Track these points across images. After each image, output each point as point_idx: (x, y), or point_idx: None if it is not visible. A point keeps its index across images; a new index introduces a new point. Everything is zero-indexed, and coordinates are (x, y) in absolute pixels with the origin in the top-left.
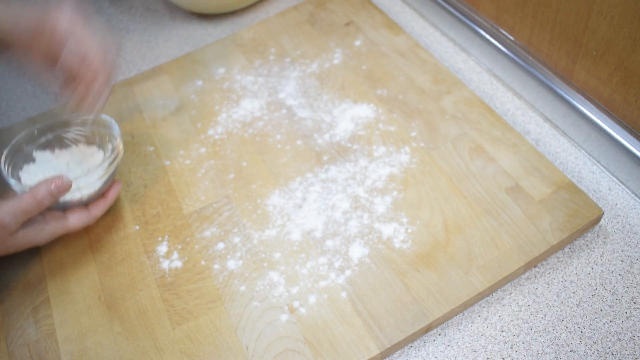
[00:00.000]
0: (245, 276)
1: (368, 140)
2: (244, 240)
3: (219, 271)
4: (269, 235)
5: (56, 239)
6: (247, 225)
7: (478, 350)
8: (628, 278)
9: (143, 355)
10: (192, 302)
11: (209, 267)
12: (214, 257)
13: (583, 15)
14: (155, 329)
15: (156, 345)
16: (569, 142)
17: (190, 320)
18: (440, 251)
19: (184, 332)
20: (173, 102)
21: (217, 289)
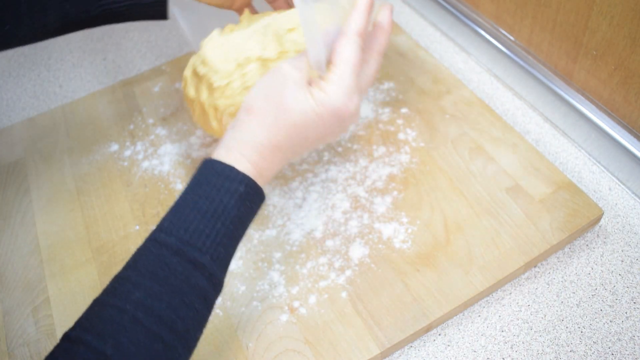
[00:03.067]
0: (245, 276)
1: (368, 140)
2: (244, 240)
3: None
4: (269, 235)
5: (56, 239)
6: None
7: (478, 350)
8: (628, 278)
9: None
10: None
11: None
12: None
13: (583, 15)
14: None
15: None
16: (569, 142)
17: None
18: (440, 251)
19: None
20: (173, 102)
21: None
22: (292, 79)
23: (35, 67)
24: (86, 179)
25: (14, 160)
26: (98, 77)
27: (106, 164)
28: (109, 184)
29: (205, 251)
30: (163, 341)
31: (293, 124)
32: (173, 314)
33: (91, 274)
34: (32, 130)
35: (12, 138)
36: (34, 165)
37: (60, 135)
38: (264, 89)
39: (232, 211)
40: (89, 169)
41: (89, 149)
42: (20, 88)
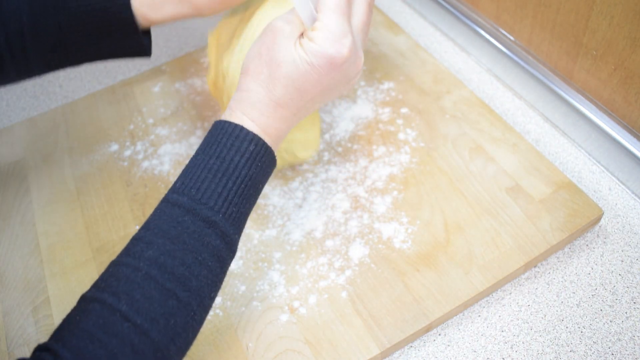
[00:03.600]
0: (245, 276)
1: (368, 140)
2: (244, 240)
3: None
4: (269, 235)
5: (56, 239)
6: (247, 225)
7: (478, 350)
8: (628, 278)
9: None
10: None
11: None
12: None
13: (583, 15)
14: None
15: None
16: (569, 142)
17: None
18: (440, 251)
19: None
20: (173, 102)
21: None
22: (282, 33)
23: None
24: (86, 179)
25: (14, 160)
26: (98, 77)
27: (106, 164)
28: (109, 184)
29: (217, 210)
30: (177, 297)
31: (288, 77)
32: (186, 271)
33: (91, 274)
34: (32, 130)
35: (12, 138)
36: (34, 165)
37: (60, 135)
38: (257, 49)
39: (243, 170)
40: (89, 169)
41: (89, 149)
42: (20, 88)
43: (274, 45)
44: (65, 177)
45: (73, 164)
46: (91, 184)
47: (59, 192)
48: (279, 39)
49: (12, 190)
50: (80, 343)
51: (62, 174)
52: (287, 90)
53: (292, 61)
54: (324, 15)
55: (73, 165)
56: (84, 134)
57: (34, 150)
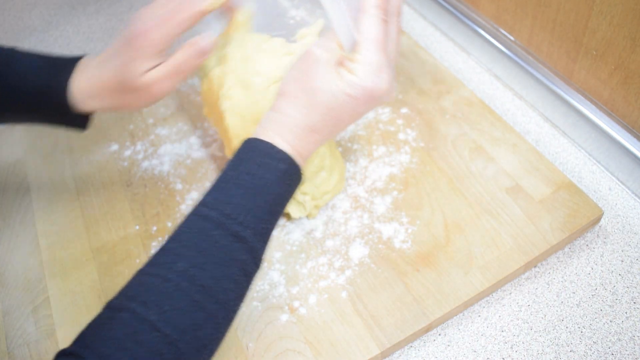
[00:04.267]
0: None
1: (368, 140)
2: None
3: None
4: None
5: (56, 239)
6: None
7: (478, 350)
8: (628, 278)
9: None
10: None
11: None
12: None
13: (583, 15)
14: None
15: None
16: (569, 142)
17: None
18: (440, 251)
19: None
20: (173, 102)
21: None
22: (321, 61)
23: None
24: (86, 179)
25: (14, 160)
26: None
27: (106, 164)
28: (109, 184)
29: (246, 225)
30: (205, 309)
31: (326, 106)
32: (215, 284)
33: (91, 274)
34: (32, 130)
35: (12, 138)
36: (34, 165)
37: (60, 135)
38: (295, 73)
39: (273, 188)
40: (89, 169)
41: (89, 149)
42: None
43: (313, 73)
44: (65, 177)
45: (73, 164)
46: (91, 184)
47: (59, 192)
48: (318, 67)
49: (12, 190)
50: (108, 350)
51: (62, 174)
52: (323, 117)
53: (330, 91)
54: (363, 47)
55: (73, 165)
56: (84, 134)
57: (34, 150)
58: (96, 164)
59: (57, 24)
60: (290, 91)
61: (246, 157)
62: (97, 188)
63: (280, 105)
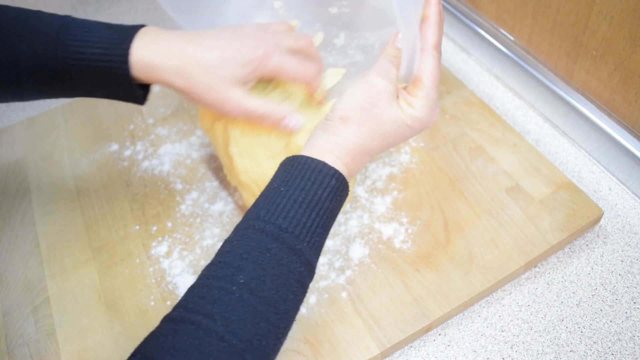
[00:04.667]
0: None
1: None
2: None
3: None
4: None
5: (56, 239)
6: None
7: (478, 350)
8: (628, 278)
9: None
10: None
11: None
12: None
13: (583, 15)
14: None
15: None
16: (569, 142)
17: None
18: (440, 251)
19: None
20: (173, 102)
21: None
22: (386, 93)
23: None
24: (86, 179)
25: (14, 160)
26: None
27: (106, 164)
28: (109, 184)
29: (302, 239)
30: (269, 320)
31: (385, 134)
32: (276, 295)
33: (91, 274)
34: (32, 130)
35: (12, 138)
36: (34, 165)
37: (60, 135)
38: (358, 101)
39: (325, 203)
40: (89, 169)
41: (89, 149)
42: None
43: (380, 104)
44: (65, 177)
45: (73, 164)
46: (91, 184)
47: (59, 192)
48: (384, 98)
49: (12, 190)
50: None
51: (62, 174)
52: (381, 144)
53: (395, 122)
54: (423, 84)
55: (73, 165)
56: (84, 134)
57: (34, 150)
58: (96, 164)
59: None
60: (356, 118)
61: (297, 173)
62: (97, 188)
63: (341, 128)
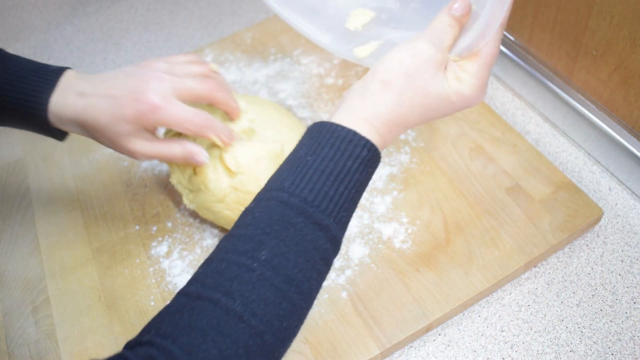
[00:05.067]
0: None
1: None
2: None
3: None
4: None
5: (56, 239)
6: None
7: (478, 350)
8: (628, 278)
9: None
10: None
11: None
12: None
13: (583, 15)
14: None
15: None
16: (569, 142)
17: None
18: (440, 251)
19: None
20: None
21: None
22: (434, 61)
23: None
24: (86, 179)
25: (14, 160)
26: None
27: (106, 164)
28: (109, 184)
29: (329, 213)
30: (291, 300)
31: (426, 106)
32: (300, 273)
33: (91, 274)
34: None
35: (12, 138)
36: (34, 165)
37: None
38: (403, 66)
39: (355, 175)
40: (89, 169)
41: (89, 149)
42: None
43: (425, 73)
44: (65, 177)
45: (73, 164)
46: (91, 184)
47: (59, 192)
48: (430, 68)
49: (12, 190)
50: (194, 341)
51: (62, 174)
52: (420, 116)
53: (438, 95)
54: (479, 61)
55: (73, 165)
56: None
57: (34, 150)
58: (96, 164)
59: (57, 24)
60: (398, 85)
61: (327, 142)
62: (97, 188)
63: (381, 95)
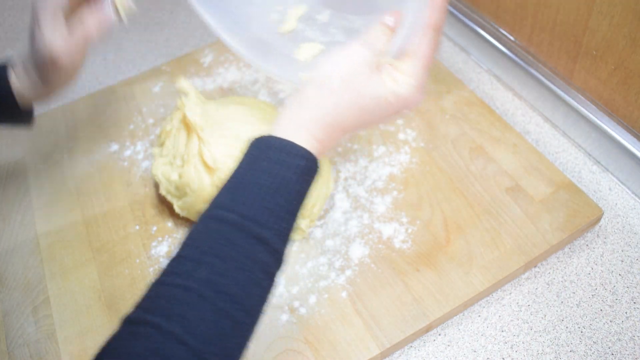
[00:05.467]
0: None
1: (368, 140)
2: None
3: None
4: None
5: (56, 239)
6: None
7: (478, 350)
8: (628, 278)
9: None
10: None
11: None
12: None
13: (583, 15)
14: None
15: None
16: (569, 142)
17: None
18: (440, 251)
19: None
20: (173, 102)
21: None
22: (368, 63)
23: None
24: (86, 179)
25: (14, 160)
26: (98, 77)
27: (106, 164)
28: (109, 184)
29: (268, 226)
30: (232, 318)
31: (364, 108)
32: (240, 290)
33: (91, 274)
34: (32, 130)
35: (12, 138)
36: (34, 165)
37: (60, 135)
38: (339, 70)
39: (293, 185)
40: (89, 169)
41: (89, 149)
42: None
43: (361, 75)
44: (65, 177)
45: (73, 164)
46: (91, 184)
47: (59, 192)
48: (366, 69)
49: (12, 190)
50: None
51: (62, 174)
52: (359, 120)
53: (375, 97)
54: (413, 62)
55: (73, 165)
56: (84, 134)
57: (34, 150)
58: (96, 164)
59: None
60: (334, 89)
61: (262, 155)
62: (97, 188)
63: (318, 100)
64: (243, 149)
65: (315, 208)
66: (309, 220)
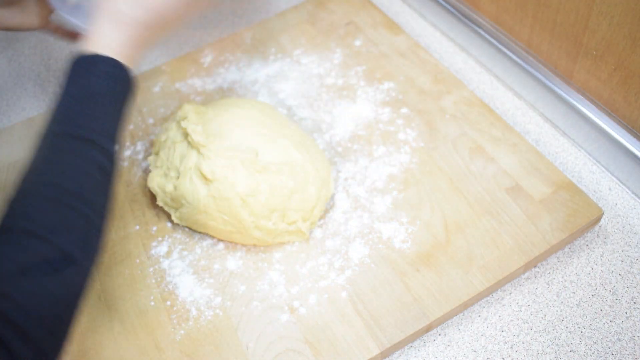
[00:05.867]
0: (245, 276)
1: (368, 140)
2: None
3: (219, 271)
4: None
5: None
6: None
7: (478, 350)
8: (628, 278)
9: (143, 355)
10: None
11: (209, 267)
12: (214, 257)
13: (583, 15)
14: (155, 329)
15: (156, 345)
16: (569, 142)
17: (190, 320)
18: (440, 251)
19: (184, 331)
20: (173, 102)
21: (217, 289)
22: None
23: (35, 67)
24: None
25: (14, 160)
26: None
27: None
28: None
29: (92, 129)
30: (76, 209)
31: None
32: (78, 185)
33: (91, 274)
34: (32, 130)
35: (12, 138)
36: None
37: None
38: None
39: (103, 89)
40: None
41: None
42: (20, 88)
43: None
44: None
45: None
46: None
47: None
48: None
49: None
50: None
51: None
52: (150, 13)
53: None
54: None
55: None
56: None
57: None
58: None
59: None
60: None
61: (74, 73)
62: None
63: (113, 8)
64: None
65: (316, 210)
66: (309, 223)
